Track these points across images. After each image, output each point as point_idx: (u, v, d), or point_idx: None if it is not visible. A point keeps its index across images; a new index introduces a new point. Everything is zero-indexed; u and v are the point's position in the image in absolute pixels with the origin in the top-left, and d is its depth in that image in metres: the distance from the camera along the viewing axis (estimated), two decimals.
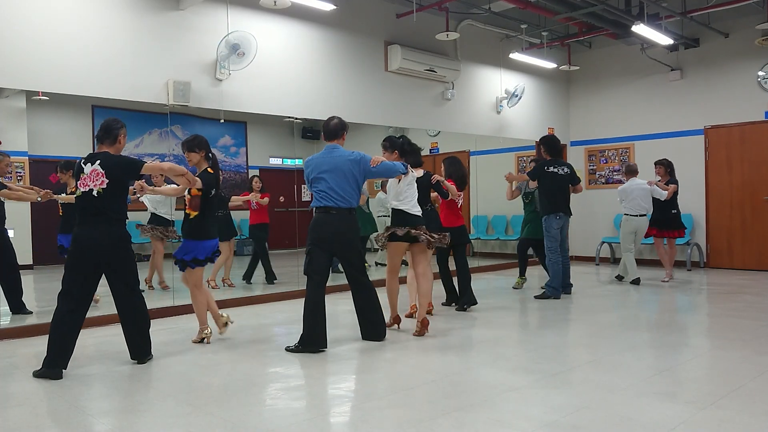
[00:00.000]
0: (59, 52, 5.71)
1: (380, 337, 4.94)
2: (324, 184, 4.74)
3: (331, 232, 4.75)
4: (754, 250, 9.37)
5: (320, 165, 4.79)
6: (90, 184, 4.17)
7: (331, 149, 4.85)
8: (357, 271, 4.89)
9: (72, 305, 4.09)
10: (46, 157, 7.56)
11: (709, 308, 6.49)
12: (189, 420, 3.21)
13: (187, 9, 6.53)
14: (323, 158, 4.82)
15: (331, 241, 4.77)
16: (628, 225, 7.96)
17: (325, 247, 4.77)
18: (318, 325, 4.64)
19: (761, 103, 9.28)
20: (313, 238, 4.77)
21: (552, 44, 10.17)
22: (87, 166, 4.21)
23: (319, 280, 4.73)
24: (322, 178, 4.75)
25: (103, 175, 4.18)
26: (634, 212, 7.90)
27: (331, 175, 4.74)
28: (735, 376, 3.86)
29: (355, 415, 3.27)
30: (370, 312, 4.94)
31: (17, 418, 3.30)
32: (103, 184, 4.17)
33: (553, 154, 7.14)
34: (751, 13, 8.95)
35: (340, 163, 4.75)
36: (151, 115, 7.37)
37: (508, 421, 3.14)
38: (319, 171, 4.78)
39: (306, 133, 10.90)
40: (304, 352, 4.59)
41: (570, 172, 7.12)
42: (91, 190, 4.16)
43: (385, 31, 8.50)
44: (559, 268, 6.94)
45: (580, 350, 4.81)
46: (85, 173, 4.20)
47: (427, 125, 9.36)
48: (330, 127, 4.91)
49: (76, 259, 4.15)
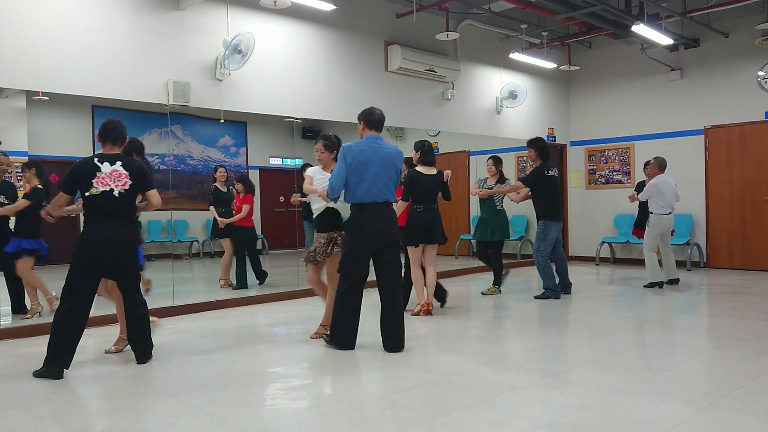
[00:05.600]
0: (59, 52, 5.71)
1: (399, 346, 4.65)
2: (378, 177, 4.57)
3: (389, 228, 4.64)
4: (754, 250, 9.37)
5: (381, 157, 4.58)
6: (111, 183, 4.14)
7: (378, 139, 4.68)
8: (391, 271, 4.73)
9: (76, 304, 4.08)
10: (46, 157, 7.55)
11: (709, 308, 6.48)
12: (189, 420, 3.21)
13: (187, 9, 6.53)
14: (376, 148, 4.61)
15: (386, 235, 4.62)
16: (660, 225, 7.47)
17: (370, 246, 4.60)
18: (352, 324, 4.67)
19: (761, 103, 9.28)
20: (357, 237, 4.59)
21: (552, 44, 10.17)
22: (105, 165, 4.17)
23: (361, 279, 4.64)
24: (371, 169, 4.56)
25: (127, 177, 4.19)
26: (665, 210, 7.47)
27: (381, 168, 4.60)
28: (735, 376, 3.86)
29: (355, 415, 3.27)
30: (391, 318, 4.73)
31: (17, 418, 3.29)
32: (126, 185, 4.18)
33: (545, 157, 6.98)
34: (751, 13, 8.95)
35: (388, 155, 4.63)
36: (151, 115, 7.36)
37: (508, 421, 3.14)
38: (368, 159, 4.55)
39: (306, 133, 10.89)
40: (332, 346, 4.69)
41: (558, 173, 7.12)
42: (112, 189, 4.14)
43: (385, 31, 8.50)
44: (549, 270, 6.92)
45: (580, 350, 4.81)
46: (104, 172, 4.15)
47: (427, 125, 9.36)
48: (377, 117, 4.72)
49: (87, 259, 4.11)
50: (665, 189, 7.47)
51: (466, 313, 6.26)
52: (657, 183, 7.51)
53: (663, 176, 7.60)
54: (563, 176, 11.38)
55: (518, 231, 10.86)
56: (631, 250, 10.56)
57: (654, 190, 7.48)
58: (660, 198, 7.45)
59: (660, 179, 7.54)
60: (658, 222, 7.50)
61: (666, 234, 7.62)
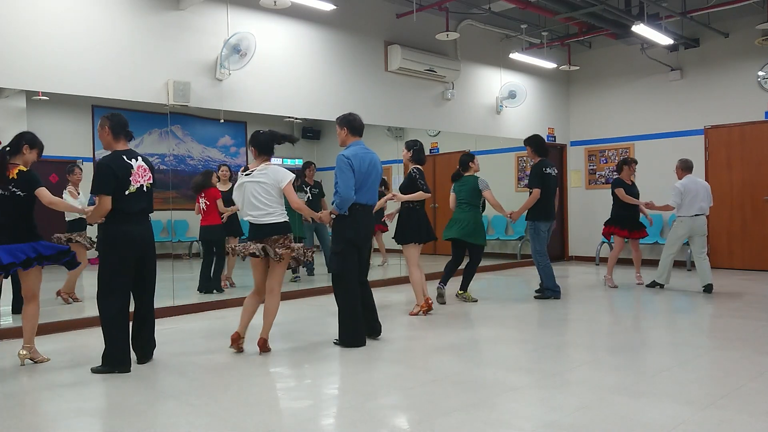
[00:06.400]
0: (59, 52, 5.71)
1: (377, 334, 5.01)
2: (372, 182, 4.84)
3: (373, 227, 5.08)
4: (754, 250, 9.37)
5: (373, 163, 4.83)
6: (141, 180, 4.20)
7: (364, 146, 4.90)
8: (366, 266, 5.09)
9: (125, 302, 4.18)
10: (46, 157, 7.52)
11: (709, 308, 6.48)
12: (189, 420, 3.21)
13: (187, 9, 6.53)
14: (367, 155, 4.83)
15: (372, 234, 5.14)
16: (682, 227, 7.24)
17: (361, 243, 4.84)
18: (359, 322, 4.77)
19: (761, 103, 9.28)
20: (355, 236, 4.77)
21: (552, 44, 10.17)
22: (133, 161, 4.20)
23: (356, 278, 4.82)
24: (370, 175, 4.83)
25: (149, 171, 4.27)
26: (692, 213, 7.18)
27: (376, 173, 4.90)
28: (735, 376, 3.86)
29: (355, 415, 3.27)
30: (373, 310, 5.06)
31: (18, 418, 3.30)
32: (150, 180, 4.27)
33: (542, 154, 6.94)
34: (751, 13, 8.95)
35: (376, 161, 4.92)
36: (151, 115, 7.35)
37: (508, 421, 3.14)
38: (367, 167, 4.78)
39: (306, 133, 10.88)
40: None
41: (558, 173, 7.06)
42: (142, 186, 4.20)
43: (385, 31, 8.50)
44: (550, 270, 6.90)
45: (580, 350, 4.81)
46: (134, 169, 4.18)
47: (427, 125, 9.36)
48: (360, 123, 4.92)
49: (125, 256, 4.13)
50: (697, 191, 7.19)
51: (465, 313, 6.26)
52: (686, 184, 7.22)
53: (691, 176, 7.34)
54: (563, 176, 11.39)
55: (518, 231, 10.86)
56: (631, 250, 10.53)
57: (683, 194, 7.17)
58: (687, 200, 7.17)
59: (691, 180, 7.27)
60: (679, 225, 7.29)
61: (696, 237, 7.28)
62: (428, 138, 10.70)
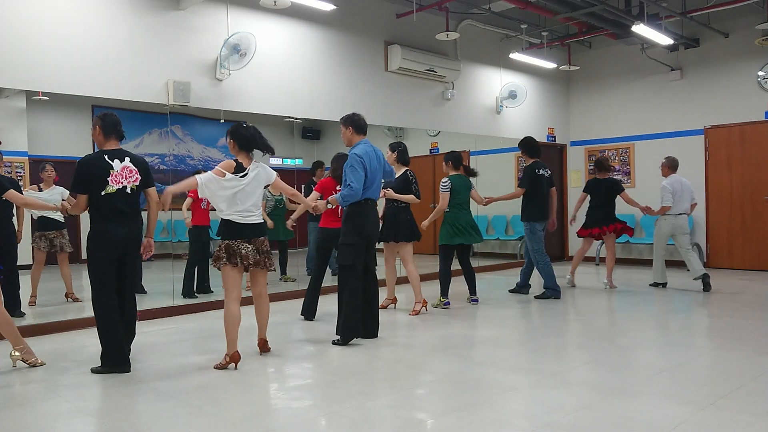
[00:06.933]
0: (59, 52, 5.71)
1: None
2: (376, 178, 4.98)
3: (378, 222, 5.16)
4: (754, 250, 9.37)
5: (380, 161, 5.00)
6: (123, 180, 4.18)
7: (371, 144, 5.03)
8: (374, 257, 5.17)
9: (115, 300, 4.18)
10: (46, 157, 7.54)
11: (709, 308, 6.48)
12: (189, 420, 3.21)
13: (187, 9, 6.53)
14: (375, 153, 4.98)
15: (377, 231, 5.17)
16: (666, 225, 7.31)
17: (369, 237, 4.95)
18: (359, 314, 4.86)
19: (761, 103, 9.28)
20: (364, 230, 4.87)
21: (552, 44, 10.17)
22: (115, 163, 4.18)
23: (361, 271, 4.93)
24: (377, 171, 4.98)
25: (137, 173, 4.25)
26: (677, 212, 7.25)
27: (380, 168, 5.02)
28: (735, 376, 3.86)
29: (355, 415, 3.27)
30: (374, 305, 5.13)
31: (17, 418, 3.30)
32: (136, 182, 4.25)
33: (534, 155, 7.01)
34: (751, 13, 8.95)
35: (383, 159, 5.08)
36: (151, 115, 7.35)
37: (508, 421, 3.14)
38: (376, 165, 4.94)
39: (306, 133, 10.88)
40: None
41: (551, 174, 7.11)
42: (125, 187, 4.18)
43: (385, 31, 8.50)
44: (550, 269, 6.90)
45: (580, 350, 4.81)
46: (116, 170, 4.16)
47: (427, 125, 9.36)
48: (364, 122, 5.07)
49: (107, 255, 4.15)
50: (679, 190, 7.27)
51: (465, 313, 6.26)
52: (672, 183, 7.30)
53: (675, 176, 7.41)
54: (563, 176, 11.39)
55: (518, 231, 10.86)
56: (630, 250, 10.56)
57: (671, 193, 7.23)
58: (675, 199, 7.22)
59: (676, 180, 7.34)
60: (663, 223, 7.38)
61: (679, 236, 7.34)
62: (428, 138, 10.70)
